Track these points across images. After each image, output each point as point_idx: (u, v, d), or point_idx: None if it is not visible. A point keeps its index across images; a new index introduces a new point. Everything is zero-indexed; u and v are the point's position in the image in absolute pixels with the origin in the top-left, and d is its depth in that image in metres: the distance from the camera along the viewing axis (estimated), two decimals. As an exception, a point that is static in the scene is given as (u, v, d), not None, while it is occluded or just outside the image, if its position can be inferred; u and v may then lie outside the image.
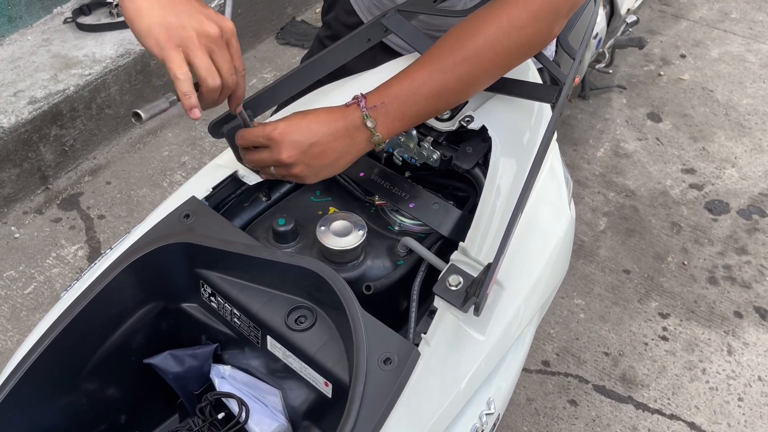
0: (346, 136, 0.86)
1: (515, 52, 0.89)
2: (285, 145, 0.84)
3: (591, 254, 2.11)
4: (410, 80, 0.86)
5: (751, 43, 2.96)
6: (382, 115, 0.86)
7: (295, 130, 0.85)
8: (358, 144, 0.87)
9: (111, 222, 2.13)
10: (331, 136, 0.85)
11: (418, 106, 0.87)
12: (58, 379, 0.81)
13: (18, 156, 2.07)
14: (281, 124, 0.85)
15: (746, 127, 2.57)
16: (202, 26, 0.73)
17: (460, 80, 0.87)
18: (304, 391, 0.86)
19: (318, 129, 0.85)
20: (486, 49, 0.87)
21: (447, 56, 0.87)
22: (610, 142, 2.50)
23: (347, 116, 0.86)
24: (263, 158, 0.87)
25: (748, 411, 1.75)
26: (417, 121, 0.90)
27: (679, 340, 1.90)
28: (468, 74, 0.87)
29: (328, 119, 0.86)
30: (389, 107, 0.86)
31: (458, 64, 0.86)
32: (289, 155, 0.84)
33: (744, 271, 2.08)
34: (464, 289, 0.82)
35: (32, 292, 1.93)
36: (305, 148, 0.84)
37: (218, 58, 0.75)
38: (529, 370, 1.81)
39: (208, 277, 0.87)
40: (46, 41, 2.32)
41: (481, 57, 0.87)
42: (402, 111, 0.86)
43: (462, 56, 0.86)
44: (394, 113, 0.86)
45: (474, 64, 0.87)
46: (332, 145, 0.85)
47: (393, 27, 1.04)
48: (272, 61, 2.77)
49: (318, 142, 0.85)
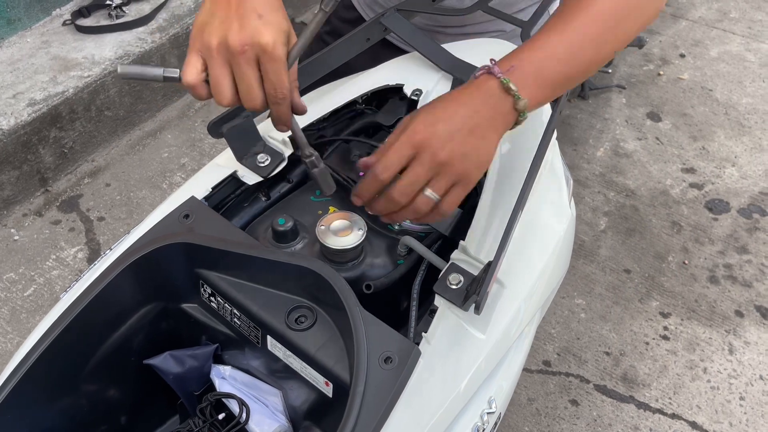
0: (488, 107, 0.73)
1: (635, 10, 0.82)
2: (436, 141, 0.70)
3: (591, 254, 2.11)
4: (540, 43, 0.77)
5: (751, 42, 2.96)
6: (519, 78, 0.74)
7: (434, 120, 0.71)
8: (503, 115, 0.74)
9: (111, 224, 2.12)
10: (473, 111, 0.72)
11: (553, 69, 0.76)
12: (58, 381, 0.81)
13: (17, 158, 2.07)
14: (414, 124, 0.71)
15: (746, 126, 2.57)
16: (225, 36, 0.66)
17: (590, 41, 0.79)
18: (304, 391, 0.86)
19: (457, 109, 0.72)
20: (610, 7, 0.79)
21: (573, 19, 0.78)
22: (609, 142, 2.50)
23: (481, 87, 0.73)
24: (417, 176, 0.71)
25: (749, 410, 1.75)
26: (557, 90, 0.79)
27: (680, 339, 1.90)
28: (597, 35, 0.79)
29: (462, 97, 0.73)
30: (524, 70, 0.74)
31: (586, 24, 0.78)
32: (447, 151, 0.70)
33: (745, 270, 2.08)
34: (465, 287, 0.82)
35: (32, 294, 1.93)
36: (457, 136, 0.70)
37: (236, 73, 0.67)
38: (530, 370, 1.81)
39: (208, 277, 0.86)
40: (45, 43, 2.32)
41: (606, 16, 0.79)
42: (539, 75, 0.75)
43: (588, 17, 0.79)
44: (531, 76, 0.75)
45: (600, 24, 0.79)
46: (477, 120, 0.72)
47: (392, 26, 1.03)
48: (271, 62, 2.77)
49: (464, 123, 0.71)
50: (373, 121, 1.07)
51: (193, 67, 0.68)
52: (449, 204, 0.73)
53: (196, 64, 0.68)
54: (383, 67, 1.07)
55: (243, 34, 0.65)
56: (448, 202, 0.73)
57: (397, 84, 1.05)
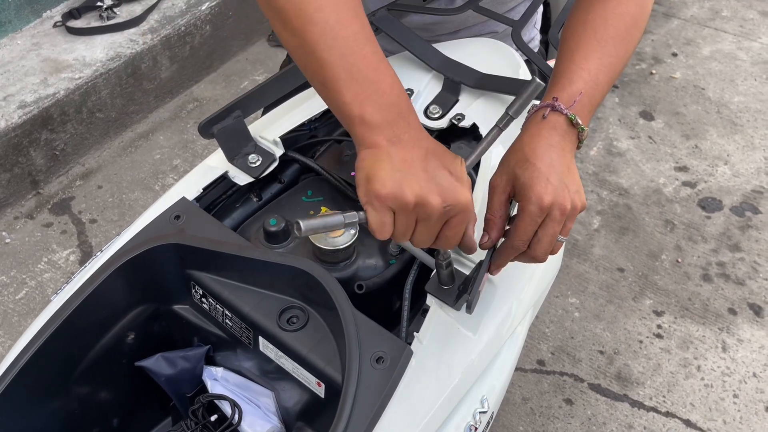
0: (565, 142, 0.78)
1: (641, 22, 0.89)
2: (559, 197, 0.74)
3: (585, 253, 2.11)
4: (587, 72, 0.82)
5: (742, 40, 2.97)
6: (579, 111, 0.80)
7: (546, 177, 0.74)
8: (572, 148, 0.80)
9: (103, 226, 2.12)
10: (560, 151, 0.77)
11: (600, 95, 0.83)
12: (49, 383, 0.81)
13: (8, 161, 2.06)
14: (537, 190, 0.73)
15: (738, 125, 2.58)
16: (425, 196, 0.66)
17: (621, 59, 0.85)
18: (297, 391, 0.85)
19: (551, 155, 0.76)
20: (630, 25, 0.86)
21: (605, 41, 0.84)
22: (602, 141, 2.50)
23: (555, 126, 0.78)
24: (554, 233, 0.75)
25: (743, 407, 1.76)
26: (595, 110, 0.86)
27: (674, 337, 1.90)
28: (624, 54, 0.86)
29: (546, 140, 0.77)
30: (582, 102, 0.81)
31: (616, 44, 0.85)
32: (568, 200, 0.75)
33: (737, 267, 2.08)
34: (456, 287, 0.82)
35: (24, 298, 1.92)
36: (565, 180, 0.75)
37: (424, 227, 0.69)
38: (524, 370, 1.81)
39: (200, 279, 0.86)
40: (36, 45, 2.31)
41: (624, 32, 0.86)
42: (590, 103, 0.82)
43: (617, 36, 0.85)
44: (587, 107, 0.81)
45: (625, 42, 0.86)
46: (567, 157, 0.78)
47: (383, 25, 1.03)
48: (264, 63, 2.76)
49: (562, 165, 0.76)
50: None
51: (388, 225, 0.68)
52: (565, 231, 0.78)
53: (388, 220, 0.68)
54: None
55: (444, 195, 0.67)
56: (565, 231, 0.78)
57: (388, 84, 1.05)
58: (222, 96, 2.60)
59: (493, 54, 1.10)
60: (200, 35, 2.56)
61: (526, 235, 0.74)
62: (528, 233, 0.74)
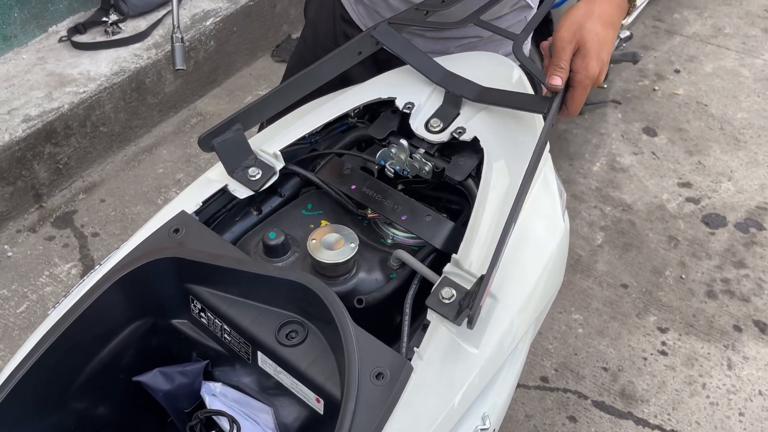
0: (620, 13, 0.99)
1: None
2: (601, 72, 0.95)
3: (588, 269, 2.10)
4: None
5: (745, 57, 2.97)
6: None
7: (596, 52, 0.95)
8: (621, 21, 1.00)
9: (105, 240, 2.11)
10: (613, 27, 0.97)
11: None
12: (45, 398, 0.80)
13: (12, 174, 2.07)
14: (591, 64, 0.94)
15: (741, 141, 2.57)
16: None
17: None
18: (295, 407, 0.84)
19: (607, 31, 0.96)
20: None
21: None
22: (606, 157, 2.50)
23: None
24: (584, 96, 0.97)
25: (749, 426, 1.73)
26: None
27: (679, 354, 1.88)
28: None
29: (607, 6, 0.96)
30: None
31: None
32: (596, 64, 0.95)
33: (742, 284, 2.07)
34: (457, 301, 0.81)
35: (25, 311, 1.91)
36: (606, 60, 0.96)
37: None
38: (527, 386, 1.79)
39: (198, 293, 0.85)
40: (41, 59, 2.33)
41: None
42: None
43: None
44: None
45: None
46: (614, 35, 0.97)
47: (383, 40, 1.03)
48: (268, 78, 2.77)
49: (610, 44, 0.96)
50: (365, 134, 1.07)
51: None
52: None
53: None
54: (376, 80, 1.07)
55: None
56: None
57: (389, 97, 1.05)
58: (226, 111, 2.60)
59: (493, 68, 1.10)
60: (204, 50, 2.57)
61: (581, 102, 0.96)
62: (583, 100, 0.96)
